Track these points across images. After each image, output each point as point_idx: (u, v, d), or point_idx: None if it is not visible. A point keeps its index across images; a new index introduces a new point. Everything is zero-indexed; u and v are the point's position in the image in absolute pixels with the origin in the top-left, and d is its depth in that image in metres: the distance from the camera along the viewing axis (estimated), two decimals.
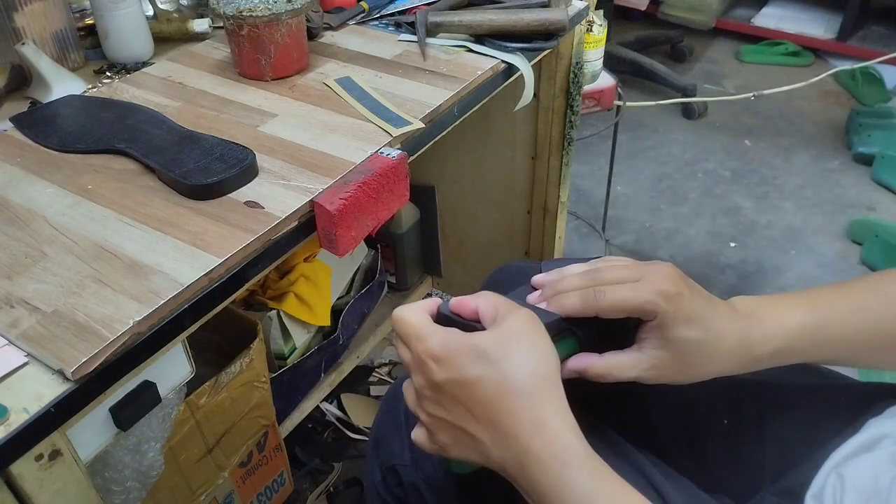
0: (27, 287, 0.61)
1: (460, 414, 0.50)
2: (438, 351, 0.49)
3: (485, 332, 0.50)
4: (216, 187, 0.71)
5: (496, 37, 0.99)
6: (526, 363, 0.49)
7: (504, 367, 0.48)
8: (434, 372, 0.49)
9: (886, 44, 2.70)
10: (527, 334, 0.50)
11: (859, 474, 0.52)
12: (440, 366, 0.49)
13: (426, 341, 0.50)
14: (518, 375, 0.48)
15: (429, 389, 0.51)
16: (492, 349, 0.49)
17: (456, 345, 0.49)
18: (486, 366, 0.48)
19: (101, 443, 0.62)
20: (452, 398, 0.49)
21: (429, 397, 0.51)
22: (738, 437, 0.67)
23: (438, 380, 0.49)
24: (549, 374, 0.49)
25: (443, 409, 0.51)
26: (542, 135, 1.31)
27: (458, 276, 1.66)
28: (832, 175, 2.24)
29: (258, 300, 1.24)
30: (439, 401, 0.50)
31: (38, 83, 0.90)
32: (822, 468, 0.56)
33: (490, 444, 0.49)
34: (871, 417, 0.58)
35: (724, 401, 0.68)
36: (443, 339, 0.50)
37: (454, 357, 0.49)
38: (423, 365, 0.50)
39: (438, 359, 0.49)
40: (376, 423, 0.78)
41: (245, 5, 0.89)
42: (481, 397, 0.48)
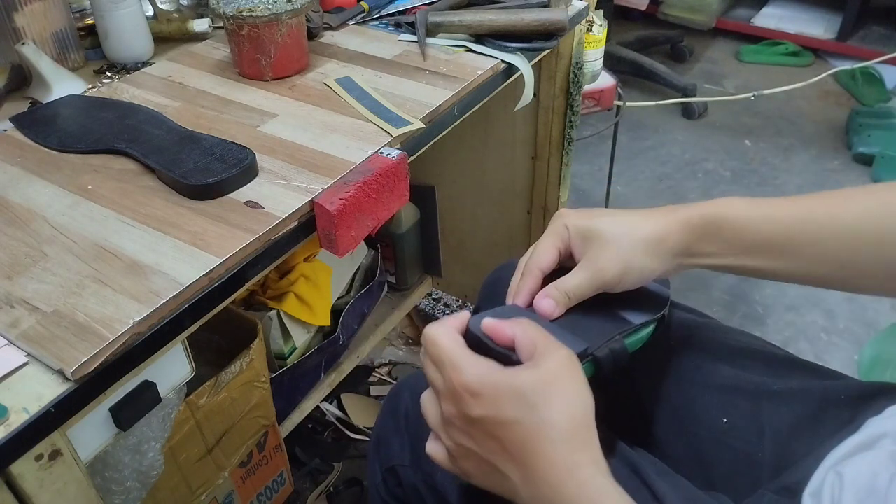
0: (27, 287, 0.61)
1: (492, 449, 0.49)
2: (476, 387, 0.48)
3: (524, 372, 0.48)
4: (216, 187, 0.71)
5: (496, 37, 0.99)
6: (565, 409, 0.47)
7: (543, 412, 0.47)
8: (470, 406, 0.48)
9: (886, 44, 2.70)
10: (567, 379, 0.48)
11: (858, 473, 0.52)
12: (477, 401, 0.48)
13: (462, 374, 0.48)
14: (556, 422, 0.47)
15: (460, 420, 0.49)
16: (532, 393, 0.47)
17: (495, 383, 0.48)
18: (526, 410, 0.47)
19: (101, 443, 0.62)
20: (485, 433, 0.48)
21: (459, 427, 0.50)
22: (736, 435, 0.67)
23: (474, 415, 0.48)
24: (585, 419, 0.48)
25: (473, 441, 0.49)
26: (542, 135, 1.31)
27: (458, 276, 1.66)
28: (832, 175, 2.24)
29: (258, 300, 1.24)
30: (471, 434, 0.49)
31: (38, 83, 0.90)
32: (820, 466, 0.56)
33: (520, 483, 0.48)
34: (871, 416, 0.58)
35: (723, 400, 0.68)
36: (480, 375, 0.48)
37: (493, 396, 0.48)
38: (458, 397, 0.49)
39: (476, 394, 0.48)
40: (377, 425, 0.78)
41: (245, 5, 0.89)
42: (516, 438, 0.47)
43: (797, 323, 1.73)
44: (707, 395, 0.69)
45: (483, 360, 0.49)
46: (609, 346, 0.60)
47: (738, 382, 0.68)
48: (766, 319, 1.74)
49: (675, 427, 0.71)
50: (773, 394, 0.67)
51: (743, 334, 0.75)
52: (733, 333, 0.75)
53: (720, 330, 0.76)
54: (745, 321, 1.74)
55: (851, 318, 1.73)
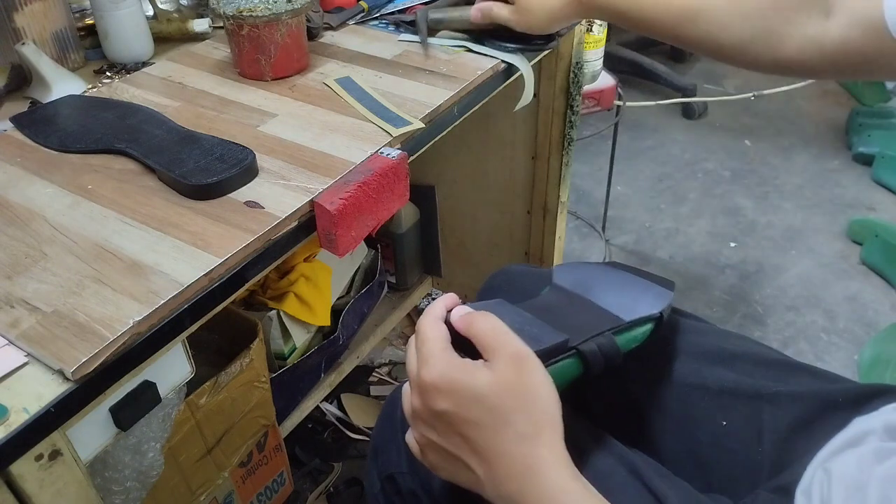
0: (27, 287, 0.61)
1: (456, 443, 0.49)
2: (439, 382, 0.49)
3: (481, 372, 0.49)
4: (216, 187, 0.71)
5: (496, 36, 0.99)
6: (523, 409, 0.48)
7: (502, 414, 0.48)
8: (434, 400, 0.49)
9: None
10: (522, 377, 0.49)
11: (845, 469, 0.52)
12: (440, 396, 0.49)
13: (430, 368, 0.49)
14: (515, 422, 0.48)
15: (426, 413, 0.50)
16: (490, 395, 0.48)
17: (456, 381, 0.49)
18: (484, 412, 0.48)
19: (101, 443, 0.62)
20: (449, 427, 0.49)
21: (425, 420, 0.51)
22: (735, 438, 0.67)
23: (438, 409, 0.49)
24: (545, 415, 0.49)
25: (438, 434, 0.50)
26: (542, 135, 1.31)
27: (458, 276, 1.66)
28: (832, 175, 2.24)
29: (258, 300, 1.24)
30: (435, 427, 0.50)
31: (38, 83, 0.90)
32: (810, 464, 0.57)
33: (484, 479, 0.49)
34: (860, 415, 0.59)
35: (722, 403, 0.69)
36: (443, 372, 0.49)
37: (454, 393, 0.48)
38: (423, 390, 0.50)
39: (439, 389, 0.49)
40: (375, 432, 0.78)
41: (245, 5, 0.89)
42: (478, 436, 0.48)
43: (797, 323, 1.73)
44: (706, 398, 0.69)
45: (451, 356, 0.50)
46: (596, 341, 0.59)
47: (737, 386, 0.68)
48: (766, 319, 1.74)
49: (673, 430, 0.71)
50: (771, 397, 0.67)
51: (741, 338, 0.75)
52: (731, 337, 0.75)
53: (718, 334, 0.76)
54: (745, 321, 1.74)
55: (851, 318, 1.73)
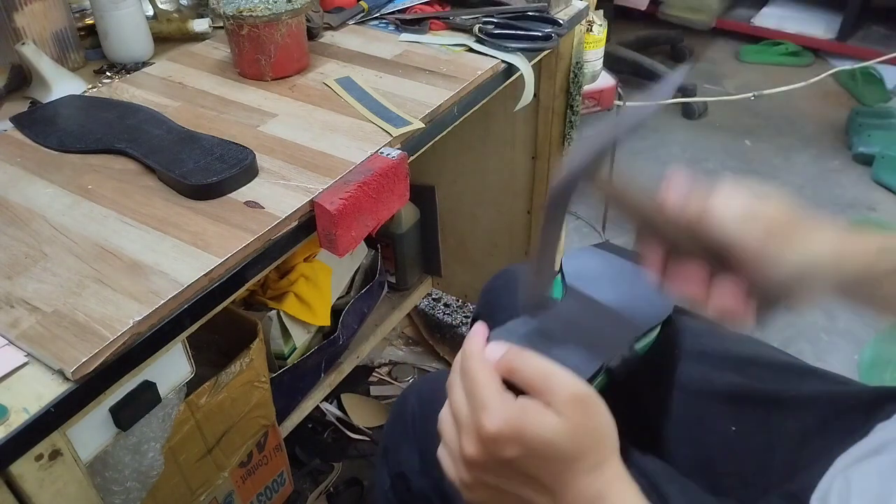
0: (27, 287, 0.61)
1: (521, 482, 0.48)
2: (506, 431, 0.46)
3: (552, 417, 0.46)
4: (216, 187, 0.71)
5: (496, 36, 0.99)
6: (594, 447, 0.47)
7: (573, 453, 0.46)
8: (500, 450, 0.46)
9: (886, 44, 2.69)
10: (592, 420, 0.47)
11: (866, 478, 0.51)
12: (508, 445, 0.46)
13: (493, 416, 0.46)
14: (586, 457, 0.46)
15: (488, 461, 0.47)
16: (562, 440, 0.46)
17: (525, 429, 0.46)
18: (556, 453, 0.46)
19: (101, 443, 0.62)
20: (515, 472, 0.47)
21: (485, 467, 0.48)
22: (746, 443, 0.67)
23: (505, 457, 0.46)
24: (612, 448, 0.48)
25: (502, 478, 0.48)
26: (542, 135, 1.31)
27: (458, 276, 1.66)
28: (832, 175, 2.24)
29: (258, 300, 1.24)
30: (498, 472, 0.48)
31: (38, 83, 0.90)
32: (828, 471, 0.56)
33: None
34: (880, 422, 0.58)
35: (732, 408, 0.68)
36: (509, 420, 0.46)
37: (522, 440, 0.46)
38: (487, 440, 0.46)
39: (507, 438, 0.46)
40: (385, 431, 0.78)
41: (245, 5, 0.89)
42: (546, 474, 0.47)
43: (797, 323, 1.73)
44: (716, 404, 0.69)
45: (510, 402, 0.47)
46: (621, 355, 0.59)
47: (747, 391, 0.68)
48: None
49: (682, 435, 0.71)
50: (782, 401, 0.66)
51: (750, 341, 0.75)
52: (740, 340, 0.75)
53: (727, 337, 0.75)
54: None
55: (852, 319, 1.73)
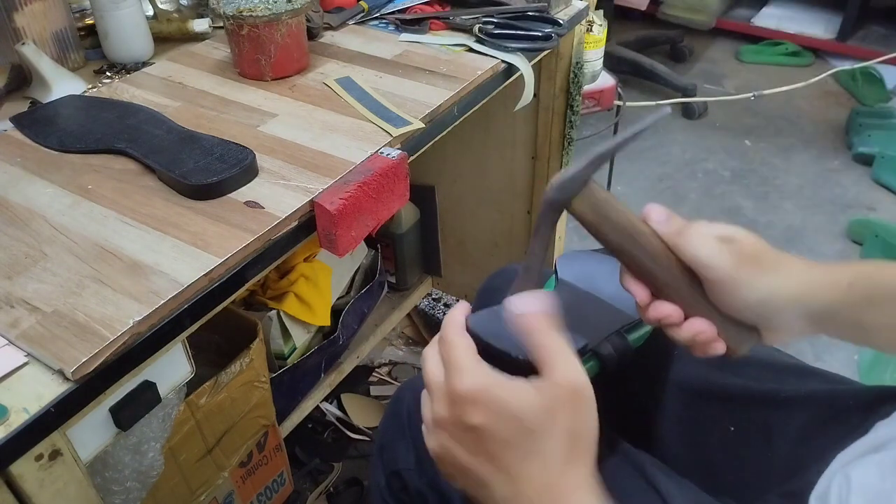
0: (27, 287, 0.61)
1: (481, 460, 0.47)
2: (476, 394, 0.45)
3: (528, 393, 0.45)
4: (216, 187, 0.71)
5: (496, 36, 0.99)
6: (564, 439, 0.45)
7: (541, 441, 0.45)
8: (468, 414, 0.45)
9: (886, 44, 2.70)
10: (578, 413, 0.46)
11: (865, 475, 0.51)
12: (475, 409, 0.45)
13: (464, 377, 0.46)
14: (553, 450, 0.45)
15: (453, 425, 0.47)
16: (532, 418, 0.45)
17: (497, 396, 0.45)
18: (522, 434, 0.45)
19: (101, 443, 0.62)
20: (477, 444, 0.46)
21: (450, 432, 0.48)
22: (745, 444, 0.67)
23: (471, 423, 0.45)
24: (585, 447, 0.46)
25: (461, 447, 0.47)
26: (542, 135, 1.31)
27: (458, 276, 1.66)
28: (832, 175, 2.24)
29: (258, 300, 1.24)
30: (460, 440, 0.47)
31: (38, 83, 0.90)
32: (828, 469, 0.56)
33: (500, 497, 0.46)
34: (879, 420, 0.58)
35: (731, 408, 0.68)
36: (482, 385, 0.45)
37: (491, 408, 0.45)
38: (454, 401, 0.46)
39: (475, 402, 0.45)
40: (381, 428, 0.78)
41: (245, 5, 0.89)
42: (508, 456, 0.45)
43: None
44: (714, 403, 0.69)
45: (487, 368, 0.47)
46: (610, 341, 0.59)
47: (746, 391, 0.68)
48: None
49: (681, 435, 0.71)
50: (781, 401, 0.66)
51: None
52: None
53: None
54: None
55: None
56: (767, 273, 0.51)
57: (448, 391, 0.47)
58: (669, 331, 0.55)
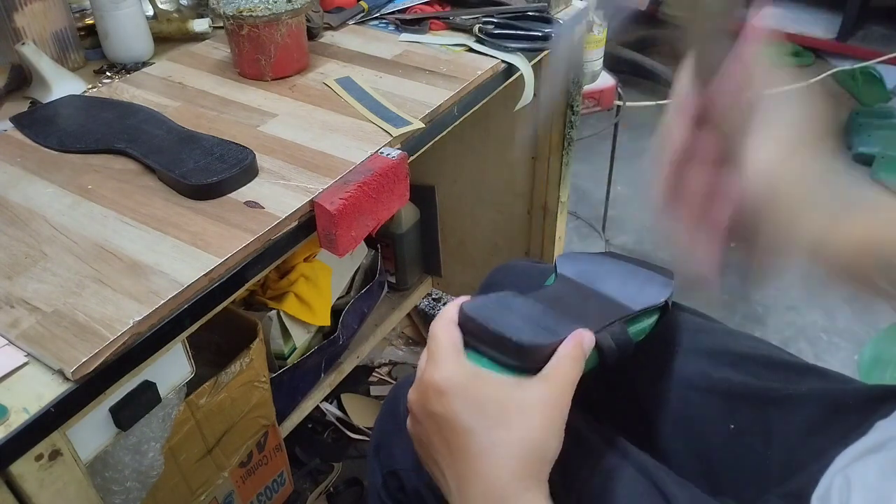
0: (27, 287, 0.61)
1: (438, 449, 0.49)
2: (443, 385, 0.48)
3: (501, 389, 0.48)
4: (216, 187, 0.71)
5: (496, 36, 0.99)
6: (524, 438, 0.46)
7: (498, 432, 0.46)
8: (431, 402, 0.49)
9: (886, 44, 2.69)
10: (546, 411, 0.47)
11: (866, 476, 0.51)
12: (438, 398, 0.48)
13: (437, 370, 0.49)
14: (508, 445, 0.46)
15: (419, 411, 0.50)
16: (495, 407, 0.46)
17: (462, 386, 0.48)
18: (481, 421, 0.46)
19: (101, 443, 0.62)
20: (437, 431, 0.49)
21: (417, 417, 0.51)
22: (744, 441, 0.66)
23: (431, 410, 0.49)
24: (542, 457, 0.47)
25: (425, 434, 0.50)
26: (542, 135, 1.31)
27: (458, 276, 1.66)
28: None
29: (258, 300, 1.24)
30: (425, 426, 0.50)
31: (38, 83, 0.90)
32: (828, 469, 0.55)
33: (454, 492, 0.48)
34: (879, 419, 0.58)
35: (730, 406, 0.68)
36: (452, 375, 0.48)
37: (455, 397, 0.47)
38: (424, 389, 0.49)
39: (440, 392, 0.48)
40: (377, 427, 0.78)
41: (245, 5, 0.89)
42: (463, 448, 0.47)
43: (797, 323, 1.73)
44: (714, 401, 0.69)
45: (466, 365, 0.49)
46: (610, 331, 0.58)
47: (746, 388, 0.68)
48: (767, 319, 1.74)
49: (681, 432, 0.71)
50: (780, 399, 0.66)
51: (749, 338, 0.75)
52: (740, 337, 0.74)
53: (726, 334, 0.75)
54: (745, 321, 1.73)
55: (851, 318, 1.73)
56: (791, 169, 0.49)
57: (422, 379, 0.50)
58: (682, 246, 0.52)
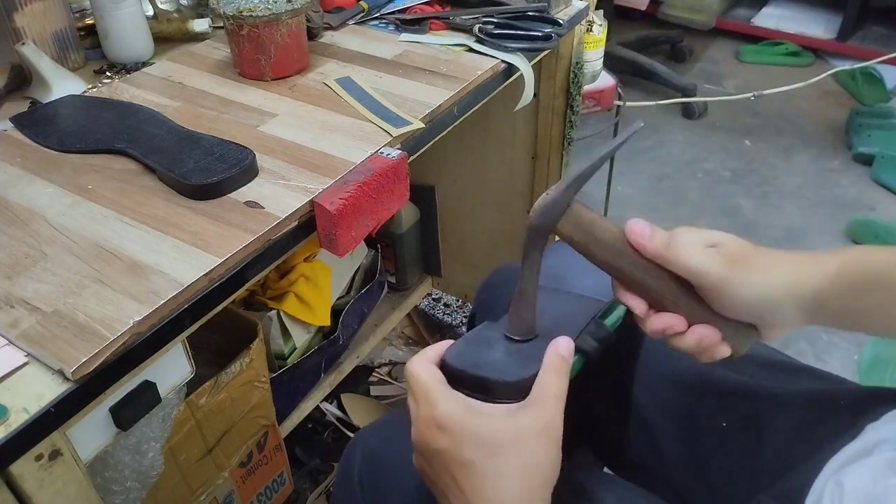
0: (27, 287, 0.61)
1: (447, 483, 0.50)
2: (443, 421, 0.49)
3: (497, 420, 0.49)
4: (216, 187, 0.71)
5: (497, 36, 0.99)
6: (522, 468, 0.48)
7: (499, 462, 0.48)
8: (435, 439, 0.49)
9: (886, 44, 2.70)
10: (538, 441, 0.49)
11: (857, 480, 0.51)
12: (441, 434, 0.49)
13: (434, 407, 0.50)
14: (509, 476, 0.47)
15: (424, 450, 0.51)
16: (493, 441, 0.48)
17: (461, 421, 0.49)
18: (483, 454, 0.48)
19: (101, 443, 0.62)
20: (443, 467, 0.50)
21: (423, 456, 0.52)
22: (736, 439, 0.67)
23: (436, 447, 0.49)
24: (542, 484, 0.49)
25: (432, 470, 0.51)
26: (542, 135, 1.31)
27: (458, 276, 1.66)
28: (832, 175, 2.24)
29: (258, 300, 1.24)
30: (431, 464, 0.51)
31: (38, 83, 0.90)
32: (820, 475, 0.55)
33: None
34: (870, 422, 0.58)
35: (723, 404, 0.68)
36: (450, 412, 0.49)
37: (456, 433, 0.48)
38: (426, 427, 0.50)
39: (442, 428, 0.49)
40: (335, 496, 0.78)
41: (245, 5, 0.89)
42: (469, 480, 0.48)
43: None
44: (707, 399, 0.69)
45: (458, 397, 0.51)
46: (590, 333, 0.59)
47: (739, 387, 0.68)
48: None
49: (674, 431, 0.71)
50: (773, 398, 0.66)
51: None
52: None
53: None
54: None
55: None
56: (758, 271, 0.52)
57: (422, 417, 0.51)
58: (673, 340, 0.56)
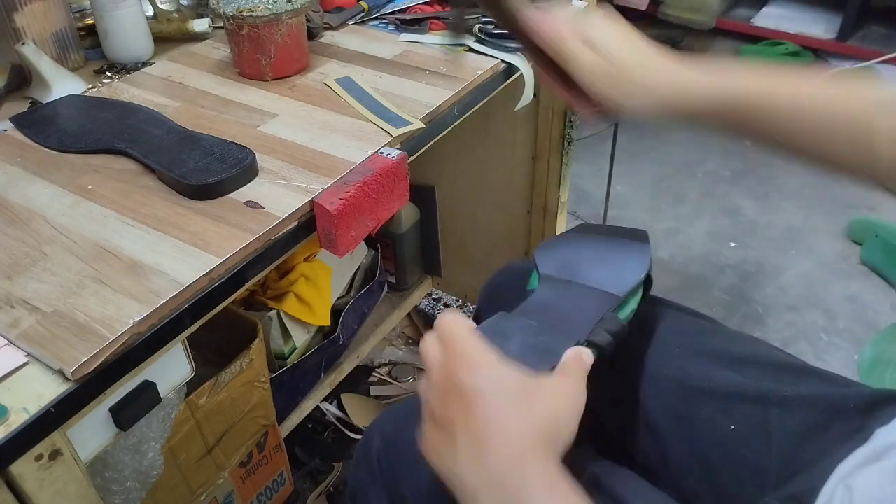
0: (27, 287, 0.61)
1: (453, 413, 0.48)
2: (477, 358, 0.48)
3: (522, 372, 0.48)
4: (216, 187, 0.71)
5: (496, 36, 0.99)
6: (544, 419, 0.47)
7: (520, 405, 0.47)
8: (457, 372, 0.48)
9: (886, 44, 2.69)
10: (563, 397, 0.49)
11: (867, 486, 0.51)
12: (468, 369, 0.48)
13: (470, 346, 0.49)
14: (526, 420, 0.47)
15: (444, 381, 0.49)
16: (522, 386, 0.47)
17: (492, 362, 0.48)
18: (506, 395, 0.47)
19: (101, 443, 0.62)
20: (457, 395, 0.47)
21: (438, 389, 0.49)
22: (743, 442, 0.66)
23: (457, 379, 0.47)
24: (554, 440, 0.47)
25: (441, 398, 0.49)
26: (542, 135, 1.31)
27: (458, 276, 1.66)
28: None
29: (258, 300, 1.24)
30: (444, 391, 0.49)
31: (38, 83, 0.90)
32: (829, 479, 0.55)
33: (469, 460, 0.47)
34: (880, 426, 0.58)
35: (730, 407, 0.68)
36: (485, 354, 0.48)
37: (482, 370, 0.47)
38: (453, 362, 0.48)
39: (475, 364, 0.48)
40: (350, 475, 0.77)
41: (245, 5, 0.89)
42: (483, 414, 0.46)
43: (797, 323, 1.73)
44: (714, 402, 0.69)
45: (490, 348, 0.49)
46: (604, 328, 0.59)
47: (746, 389, 0.68)
48: (766, 319, 1.74)
49: (680, 433, 0.70)
50: (781, 401, 0.66)
51: (749, 340, 0.75)
52: (740, 339, 0.74)
53: (726, 335, 0.75)
54: (745, 321, 1.74)
55: (851, 318, 1.73)
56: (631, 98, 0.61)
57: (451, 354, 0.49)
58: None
